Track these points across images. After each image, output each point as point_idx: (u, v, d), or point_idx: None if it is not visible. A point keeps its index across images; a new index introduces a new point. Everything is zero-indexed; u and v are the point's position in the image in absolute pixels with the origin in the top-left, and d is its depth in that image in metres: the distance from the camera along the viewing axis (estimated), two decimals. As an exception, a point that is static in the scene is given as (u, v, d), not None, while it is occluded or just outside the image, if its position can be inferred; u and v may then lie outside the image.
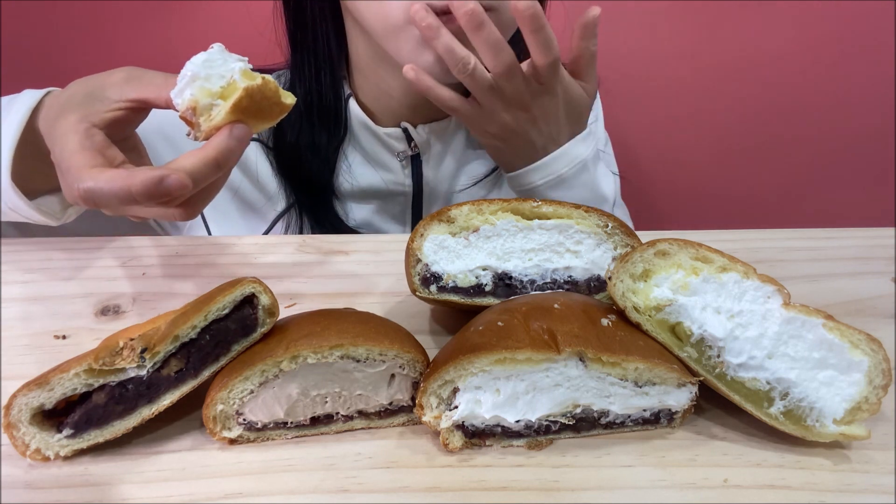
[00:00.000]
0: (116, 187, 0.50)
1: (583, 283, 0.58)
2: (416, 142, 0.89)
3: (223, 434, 0.50)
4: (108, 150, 0.56)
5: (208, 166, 0.52)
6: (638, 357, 0.48)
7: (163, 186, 0.49)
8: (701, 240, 0.53)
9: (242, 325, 0.51)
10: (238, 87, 0.52)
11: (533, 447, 0.51)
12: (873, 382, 0.48)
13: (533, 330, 0.49)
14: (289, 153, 0.88)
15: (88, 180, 0.51)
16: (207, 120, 0.53)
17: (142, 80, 0.57)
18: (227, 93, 0.53)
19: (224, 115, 0.52)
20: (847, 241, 0.75)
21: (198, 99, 0.52)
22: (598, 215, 0.58)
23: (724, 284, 0.51)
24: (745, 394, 0.50)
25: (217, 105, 0.53)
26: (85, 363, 0.47)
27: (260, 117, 0.55)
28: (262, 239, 0.77)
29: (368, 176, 0.91)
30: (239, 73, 0.53)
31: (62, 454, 0.48)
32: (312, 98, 0.87)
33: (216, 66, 0.53)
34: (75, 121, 0.55)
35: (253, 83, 0.52)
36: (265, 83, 0.53)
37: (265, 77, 0.54)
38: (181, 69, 0.53)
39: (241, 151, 0.54)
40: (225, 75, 0.53)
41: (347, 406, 0.52)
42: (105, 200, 0.51)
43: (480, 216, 0.58)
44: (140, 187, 0.49)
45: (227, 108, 0.52)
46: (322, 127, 0.87)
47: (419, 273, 0.57)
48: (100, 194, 0.51)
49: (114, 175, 0.50)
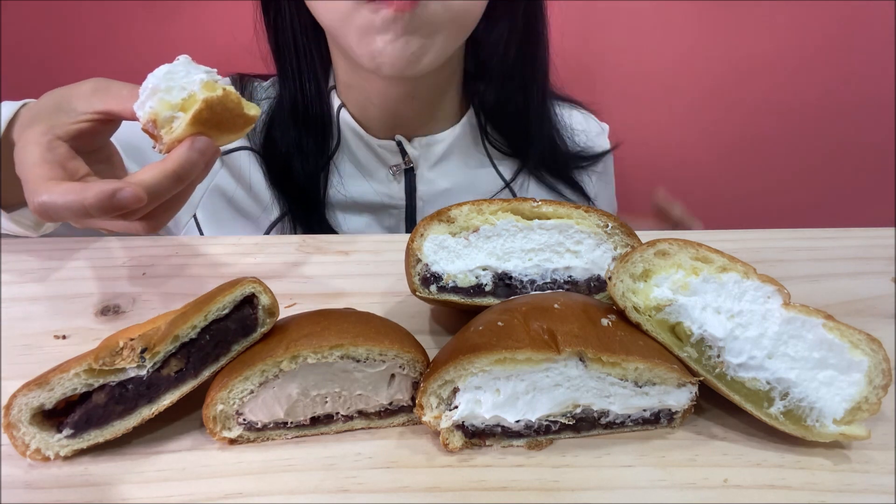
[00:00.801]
0: (69, 200, 0.49)
1: (583, 283, 0.58)
2: (410, 156, 0.89)
3: (223, 434, 0.50)
4: (70, 162, 0.55)
5: (168, 179, 0.51)
6: (638, 357, 0.48)
7: (116, 200, 0.49)
8: (701, 240, 0.53)
9: (242, 325, 0.51)
10: (197, 98, 0.52)
11: (533, 447, 0.51)
12: (873, 382, 0.48)
13: (533, 330, 0.49)
14: (279, 163, 0.88)
15: (43, 193, 0.50)
16: (169, 132, 0.53)
17: (108, 91, 0.57)
18: (188, 105, 0.52)
19: (184, 128, 0.52)
20: (847, 241, 0.75)
21: (158, 111, 0.52)
22: (598, 215, 0.58)
23: (724, 284, 0.51)
24: (745, 394, 0.50)
25: (178, 117, 0.52)
26: (85, 363, 0.47)
27: (223, 129, 0.55)
28: (261, 239, 0.77)
29: (361, 188, 0.91)
30: (199, 85, 0.52)
31: (62, 454, 0.48)
32: (299, 108, 0.87)
33: (178, 77, 0.52)
34: (39, 132, 0.55)
35: (213, 94, 0.52)
36: (226, 94, 0.53)
37: (226, 88, 0.53)
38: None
39: (204, 164, 0.53)
40: (186, 87, 0.52)
41: (347, 406, 0.52)
42: (60, 214, 0.51)
43: (480, 216, 0.58)
44: (93, 200, 0.49)
45: (186, 120, 0.52)
46: (310, 136, 0.87)
47: (419, 273, 0.57)
48: (53, 208, 0.50)
49: (68, 188, 0.50)
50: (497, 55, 0.86)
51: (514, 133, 0.93)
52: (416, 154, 0.89)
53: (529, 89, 0.90)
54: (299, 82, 0.87)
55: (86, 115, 0.57)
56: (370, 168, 0.90)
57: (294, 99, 0.87)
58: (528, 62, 0.88)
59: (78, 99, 0.57)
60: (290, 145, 0.87)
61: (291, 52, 0.86)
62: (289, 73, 0.87)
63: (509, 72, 0.88)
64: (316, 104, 0.87)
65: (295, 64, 0.86)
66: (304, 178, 0.88)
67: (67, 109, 0.57)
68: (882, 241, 0.74)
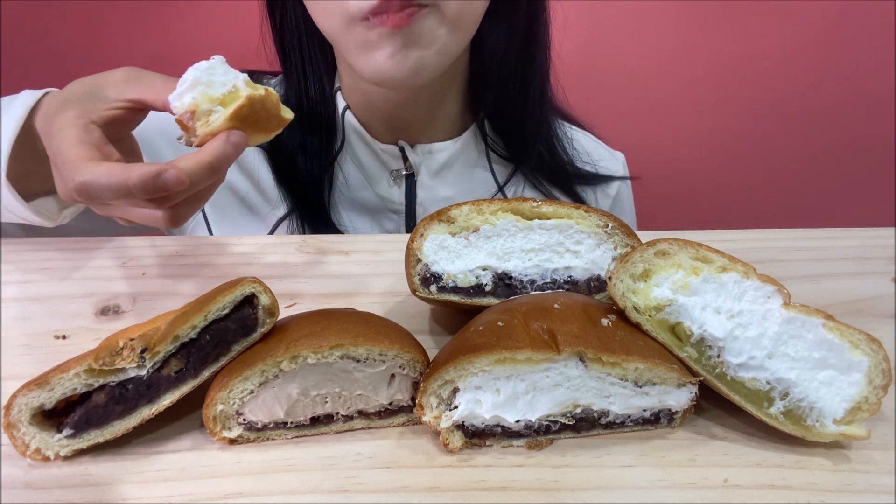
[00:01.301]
0: (113, 180, 0.50)
1: (583, 283, 0.58)
2: (412, 162, 0.89)
3: (223, 434, 0.50)
4: (105, 147, 0.56)
5: (203, 169, 0.52)
6: (638, 357, 0.48)
7: (160, 181, 0.49)
8: (701, 240, 0.53)
9: (242, 325, 0.51)
10: (241, 94, 0.53)
11: (533, 447, 0.51)
12: (873, 382, 0.48)
13: (533, 330, 0.49)
14: (284, 161, 0.89)
15: (85, 173, 0.51)
16: (205, 125, 0.53)
17: (141, 80, 0.57)
18: (228, 100, 0.53)
19: (223, 122, 0.53)
20: (847, 241, 0.75)
21: (198, 103, 0.53)
22: (598, 215, 0.58)
23: (724, 284, 0.51)
24: (745, 394, 0.50)
25: (216, 111, 0.53)
26: (85, 363, 0.47)
27: (257, 128, 0.56)
28: (262, 239, 0.77)
29: (363, 190, 0.91)
30: (243, 82, 0.54)
31: (62, 454, 0.48)
32: (304, 108, 0.87)
33: (218, 73, 0.53)
34: (74, 116, 0.55)
35: (256, 93, 0.53)
36: (268, 94, 0.54)
37: (268, 89, 0.55)
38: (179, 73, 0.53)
39: (235, 158, 0.54)
40: (227, 83, 0.53)
41: (347, 406, 0.52)
42: (101, 193, 0.51)
43: (480, 216, 0.58)
44: (137, 181, 0.49)
45: (227, 114, 0.53)
46: (314, 137, 0.88)
47: (419, 273, 0.57)
48: (96, 187, 0.50)
49: (111, 168, 0.51)
50: (497, 55, 0.86)
51: (512, 135, 0.93)
52: (417, 161, 0.89)
53: (528, 91, 0.90)
54: (304, 84, 0.87)
55: (118, 102, 0.57)
56: (372, 171, 0.91)
57: (299, 100, 0.87)
58: (527, 63, 0.88)
59: (111, 86, 0.57)
60: (295, 145, 0.88)
61: (297, 55, 0.86)
62: (294, 76, 0.87)
63: (509, 72, 0.88)
64: (320, 106, 0.88)
65: (300, 66, 0.87)
66: (307, 178, 0.88)
67: (101, 96, 0.57)
68: (882, 241, 0.74)
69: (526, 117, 0.91)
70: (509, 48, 0.86)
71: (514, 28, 0.85)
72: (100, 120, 0.56)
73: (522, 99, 0.90)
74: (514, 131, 0.93)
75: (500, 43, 0.85)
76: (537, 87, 0.90)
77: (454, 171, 0.93)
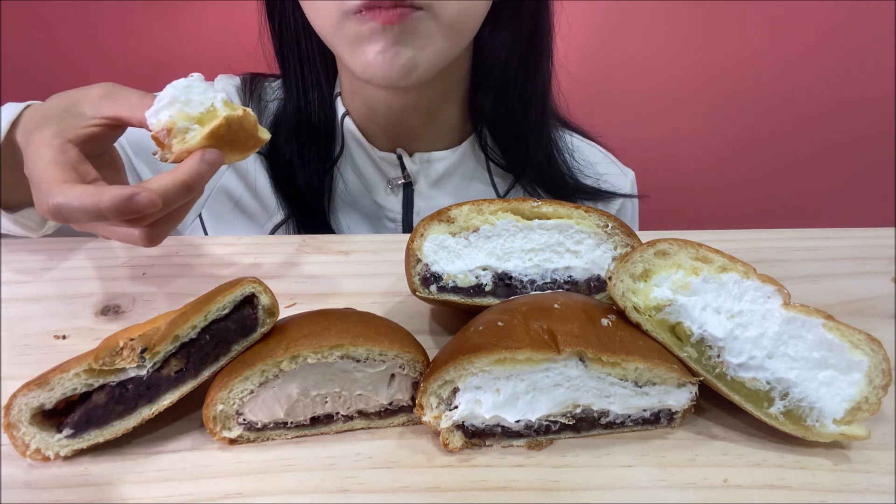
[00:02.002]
0: (86, 203, 0.50)
1: (583, 283, 0.58)
2: (409, 170, 0.89)
3: (223, 434, 0.50)
4: (81, 165, 0.55)
5: (178, 189, 0.52)
6: (638, 357, 0.48)
7: (133, 203, 0.49)
8: (701, 240, 0.53)
9: (242, 325, 0.51)
10: (219, 114, 0.53)
11: (533, 447, 0.51)
12: (873, 382, 0.48)
13: (533, 330, 0.49)
14: (282, 168, 0.89)
15: (59, 195, 0.51)
16: (181, 142, 0.53)
17: (117, 97, 0.57)
18: (206, 119, 0.53)
19: (199, 140, 0.53)
20: (847, 241, 0.75)
21: (175, 121, 0.53)
22: (598, 215, 0.58)
23: (724, 284, 0.51)
24: (745, 394, 0.50)
25: (193, 129, 0.53)
26: (85, 363, 0.47)
27: (234, 147, 0.56)
28: (261, 239, 0.77)
29: (362, 197, 0.91)
30: (221, 101, 0.54)
31: (62, 454, 0.48)
32: (302, 114, 0.87)
33: (196, 92, 0.54)
34: (50, 135, 0.55)
35: (234, 113, 0.54)
36: (246, 115, 0.55)
37: (246, 109, 0.55)
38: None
39: (210, 177, 0.54)
40: (205, 102, 0.54)
41: (347, 406, 0.52)
42: (74, 216, 0.51)
43: (480, 216, 0.58)
44: (109, 204, 0.49)
45: (204, 133, 0.53)
46: (313, 145, 0.87)
47: (419, 273, 0.57)
48: (69, 209, 0.51)
49: (84, 191, 0.50)
50: (499, 62, 0.86)
51: (511, 144, 0.92)
52: (414, 169, 0.89)
53: (529, 99, 0.89)
54: (303, 90, 0.87)
55: (95, 119, 0.57)
56: (370, 178, 0.90)
57: (298, 106, 0.87)
58: (529, 71, 0.87)
59: (87, 103, 0.57)
60: (293, 152, 0.87)
61: (295, 59, 0.86)
62: (292, 81, 0.87)
63: (510, 79, 0.87)
64: (319, 113, 0.87)
65: (299, 70, 0.86)
66: (305, 185, 0.88)
67: (77, 113, 0.57)
68: (882, 241, 0.74)
69: (526, 125, 0.90)
70: (511, 55, 0.85)
71: (517, 35, 0.84)
72: (76, 139, 0.56)
73: (523, 107, 0.89)
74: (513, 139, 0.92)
75: (501, 50, 0.85)
76: (539, 94, 0.90)
77: (453, 181, 0.92)
